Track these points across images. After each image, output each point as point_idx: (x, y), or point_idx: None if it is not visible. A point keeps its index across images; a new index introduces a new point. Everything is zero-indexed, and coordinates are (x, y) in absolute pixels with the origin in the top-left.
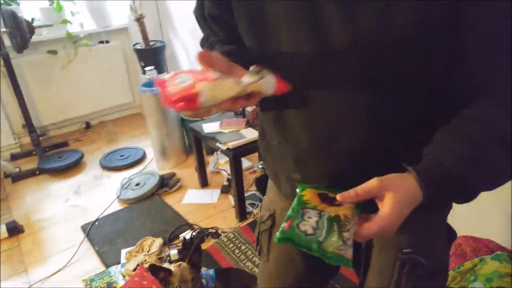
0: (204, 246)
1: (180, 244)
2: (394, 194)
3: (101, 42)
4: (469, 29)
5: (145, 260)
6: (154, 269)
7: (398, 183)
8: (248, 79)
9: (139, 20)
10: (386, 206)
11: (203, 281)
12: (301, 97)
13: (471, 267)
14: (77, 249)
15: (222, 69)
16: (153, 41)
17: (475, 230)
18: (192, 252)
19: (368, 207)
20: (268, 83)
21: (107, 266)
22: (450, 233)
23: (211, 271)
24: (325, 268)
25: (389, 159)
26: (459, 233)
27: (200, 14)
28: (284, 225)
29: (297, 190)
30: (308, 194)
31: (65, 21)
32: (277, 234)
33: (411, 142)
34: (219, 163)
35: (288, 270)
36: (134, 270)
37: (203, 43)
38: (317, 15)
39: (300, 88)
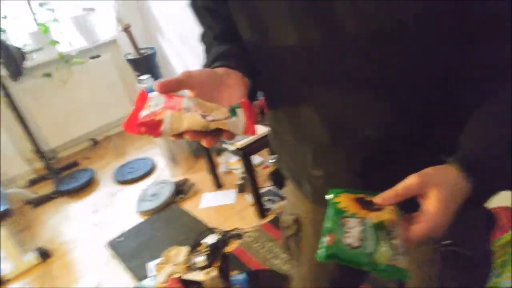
0: (229, 248)
1: (205, 249)
2: (438, 190)
3: (93, 57)
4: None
5: (174, 271)
6: (185, 284)
7: (441, 177)
8: (217, 115)
9: (126, 30)
10: (431, 204)
11: (236, 287)
12: (314, 90)
13: (510, 239)
14: (106, 267)
15: (206, 87)
16: (144, 48)
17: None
18: (220, 261)
19: (407, 206)
20: (235, 124)
21: (138, 280)
22: (490, 217)
23: (242, 276)
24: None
25: (416, 148)
26: (494, 204)
27: (194, 5)
28: (327, 239)
29: (330, 197)
30: (343, 200)
31: (53, 42)
32: (321, 251)
33: (438, 130)
34: (230, 163)
35: (322, 274)
36: (165, 282)
37: (201, 40)
38: (326, 8)
39: (311, 82)
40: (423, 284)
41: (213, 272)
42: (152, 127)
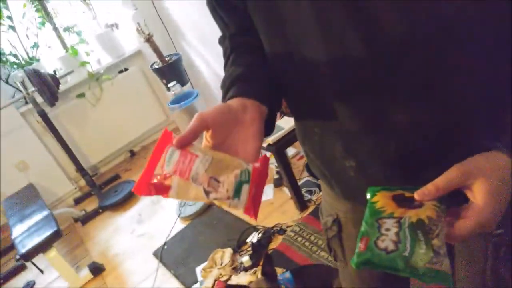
0: (273, 245)
1: (250, 249)
2: (485, 181)
3: (120, 71)
4: None
5: (220, 274)
6: None
7: (487, 166)
8: (222, 192)
9: (149, 40)
10: (479, 197)
11: (282, 287)
12: (344, 90)
13: None
14: (155, 276)
15: (221, 128)
16: (168, 56)
17: None
18: (263, 263)
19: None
20: (236, 205)
21: (187, 286)
22: None
23: (287, 274)
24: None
25: (457, 134)
26: None
27: (210, 4)
28: (360, 246)
29: (367, 196)
30: (381, 199)
31: (83, 63)
32: (354, 258)
33: (481, 113)
34: None
35: (371, 274)
36: (213, 286)
37: (219, 43)
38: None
39: (343, 85)
40: (476, 279)
41: (258, 274)
42: (161, 190)
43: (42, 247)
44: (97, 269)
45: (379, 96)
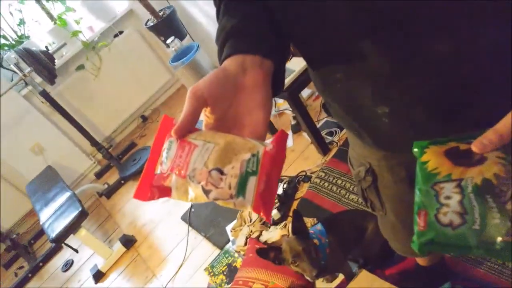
0: (299, 194)
1: (277, 201)
2: None
3: (116, 35)
4: None
5: (251, 231)
6: (262, 253)
7: None
8: (223, 191)
9: None
10: None
11: (315, 241)
12: (366, 11)
13: None
14: (187, 241)
15: (221, 101)
16: (161, 10)
17: None
18: (292, 220)
19: None
20: (242, 204)
21: (220, 247)
22: None
23: (319, 226)
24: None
25: (502, 63)
26: None
27: None
28: (419, 222)
29: (415, 154)
30: (432, 157)
31: (75, 33)
32: (415, 240)
33: None
34: (279, 104)
35: (412, 217)
36: (245, 244)
37: (217, 18)
38: None
39: (373, 23)
40: None
41: (289, 227)
42: (164, 192)
43: (71, 229)
44: (128, 241)
45: (416, 27)
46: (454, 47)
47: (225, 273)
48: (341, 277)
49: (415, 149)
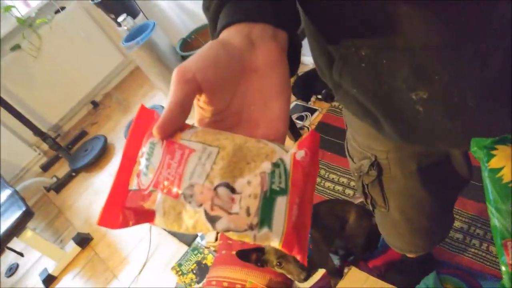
0: None
1: None
2: None
3: (57, 12)
4: None
5: None
6: (243, 255)
7: None
8: (236, 210)
9: None
10: None
11: None
12: None
13: None
14: (150, 238)
15: (220, 89)
16: None
17: None
18: None
19: None
20: (265, 237)
21: (187, 243)
22: None
23: None
24: (448, 191)
25: None
26: None
27: None
28: (509, 263)
29: (475, 153)
30: (506, 161)
31: (7, 8)
32: (506, 283)
33: None
34: None
35: (419, 213)
36: (216, 239)
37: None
38: None
39: None
40: None
41: None
42: (143, 217)
43: (14, 232)
44: (84, 240)
45: None
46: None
47: (194, 271)
48: (321, 272)
49: (476, 150)
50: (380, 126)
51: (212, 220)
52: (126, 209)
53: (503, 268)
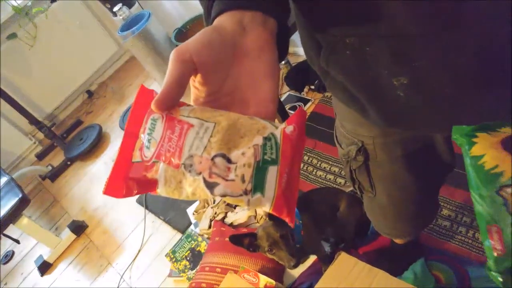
0: None
1: None
2: None
3: (53, 0)
4: None
5: (215, 213)
6: (236, 240)
7: None
8: (232, 177)
9: None
10: None
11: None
12: None
13: None
14: (144, 226)
15: (213, 70)
16: None
17: None
18: None
19: None
20: (258, 202)
21: (181, 231)
22: None
23: None
24: (433, 177)
25: None
26: None
27: None
28: (494, 245)
29: (458, 140)
30: (487, 150)
31: None
32: (491, 267)
33: None
34: None
35: (405, 197)
36: (210, 227)
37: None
38: None
39: None
40: None
41: (256, 214)
42: (146, 186)
43: (10, 219)
44: (79, 228)
45: None
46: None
47: (188, 258)
48: (312, 258)
49: (458, 137)
50: (366, 111)
51: (210, 186)
52: (129, 180)
53: (490, 253)
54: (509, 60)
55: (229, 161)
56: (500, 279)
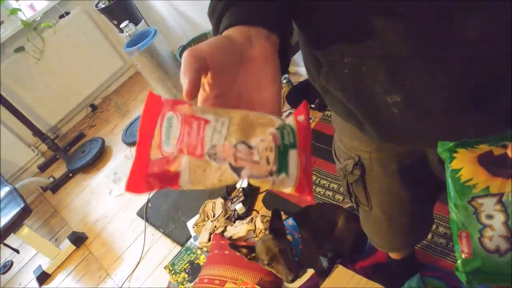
0: (264, 187)
1: (241, 194)
2: None
3: (61, 16)
4: None
5: (215, 227)
6: (235, 246)
7: None
8: (259, 166)
9: None
10: None
11: (288, 237)
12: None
13: None
14: (144, 238)
15: (224, 69)
16: None
17: None
18: (271, 219)
19: None
20: (282, 183)
21: (180, 244)
22: None
23: (291, 221)
24: (427, 191)
25: None
26: None
27: None
28: (462, 249)
29: (442, 154)
30: (464, 164)
31: (14, 11)
32: (460, 267)
33: None
34: None
35: (400, 211)
36: (209, 240)
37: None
38: None
39: None
40: None
41: (256, 222)
42: (167, 180)
43: (11, 228)
44: (78, 239)
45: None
46: (488, 24)
47: (187, 270)
48: (309, 272)
49: (442, 152)
50: (363, 126)
51: (237, 170)
52: (149, 176)
53: (459, 255)
54: (496, 80)
55: (250, 147)
56: (466, 278)
